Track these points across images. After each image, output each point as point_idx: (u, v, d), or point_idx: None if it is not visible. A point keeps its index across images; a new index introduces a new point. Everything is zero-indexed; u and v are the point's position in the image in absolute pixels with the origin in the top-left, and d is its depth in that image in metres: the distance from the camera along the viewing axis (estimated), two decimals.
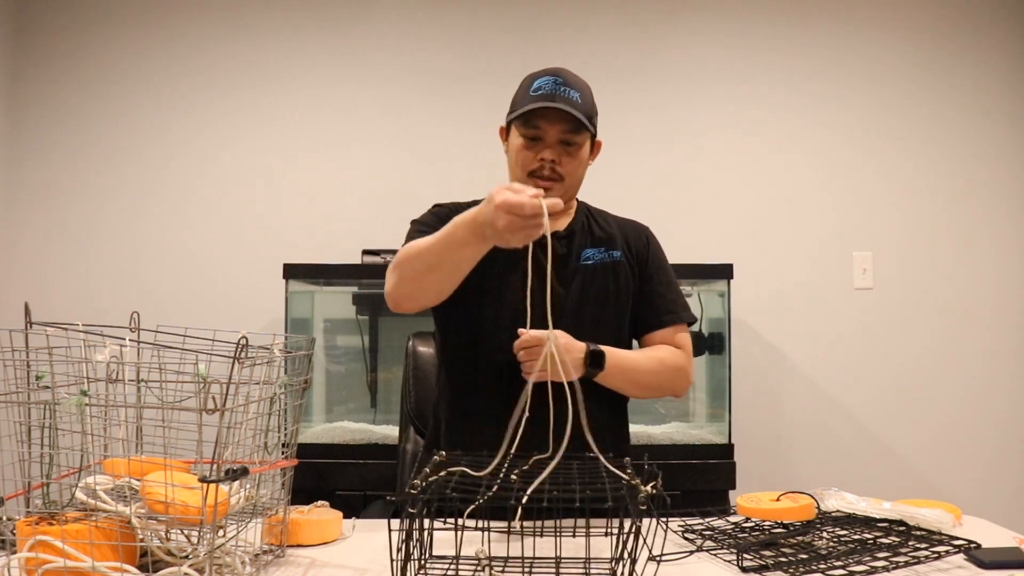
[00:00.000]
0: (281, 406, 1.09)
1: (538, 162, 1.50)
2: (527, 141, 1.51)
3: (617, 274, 1.58)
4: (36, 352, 0.99)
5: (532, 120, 1.48)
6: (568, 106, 1.46)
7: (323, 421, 2.73)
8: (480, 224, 1.19)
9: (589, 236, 1.60)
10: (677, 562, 1.09)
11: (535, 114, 1.47)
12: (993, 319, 2.99)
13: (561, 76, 1.50)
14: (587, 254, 1.57)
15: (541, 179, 1.51)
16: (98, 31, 3.00)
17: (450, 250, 1.29)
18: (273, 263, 2.77)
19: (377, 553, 1.14)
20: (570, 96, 1.48)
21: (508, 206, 1.11)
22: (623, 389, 1.51)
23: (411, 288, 1.39)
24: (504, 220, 1.12)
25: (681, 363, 1.56)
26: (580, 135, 1.50)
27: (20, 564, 0.90)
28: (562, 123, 1.47)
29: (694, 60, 3.03)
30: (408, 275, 1.37)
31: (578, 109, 1.47)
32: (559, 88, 1.48)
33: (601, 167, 1.53)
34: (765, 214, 3.00)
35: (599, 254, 1.58)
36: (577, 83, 1.51)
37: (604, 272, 1.57)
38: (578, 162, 1.53)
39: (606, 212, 1.68)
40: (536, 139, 1.50)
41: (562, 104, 1.46)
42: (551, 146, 1.49)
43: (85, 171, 2.97)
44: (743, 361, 2.89)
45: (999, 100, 3.04)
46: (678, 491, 2.29)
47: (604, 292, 1.56)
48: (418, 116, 2.99)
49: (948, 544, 1.11)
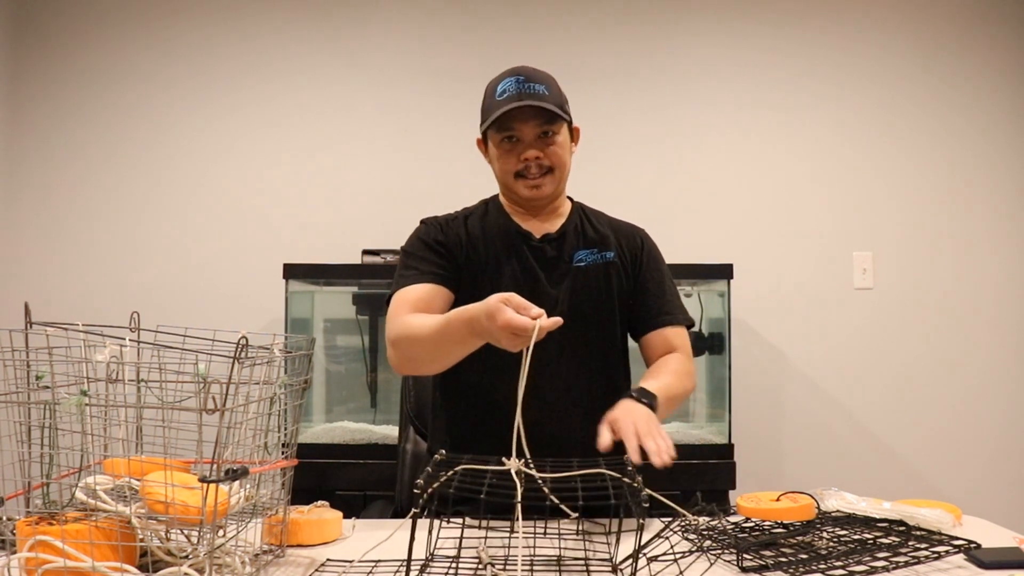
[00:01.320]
0: (281, 406, 1.09)
1: (522, 163, 1.51)
2: (506, 144, 1.51)
3: (609, 275, 1.57)
4: (36, 352, 0.99)
5: (506, 123, 1.48)
6: (536, 101, 1.46)
7: (323, 421, 2.73)
8: (477, 330, 1.21)
9: (582, 237, 1.59)
10: (677, 562, 1.09)
11: (507, 117, 1.47)
12: (993, 319, 2.99)
13: (523, 74, 1.50)
14: (579, 256, 1.57)
15: (530, 178, 1.51)
16: (98, 31, 2.99)
17: (446, 344, 1.31)
18: (273, 263, 2.77)
19: (378, 552, 1.14)
20: (536, 91, 1.48)
21: (511, 328, 1.11)
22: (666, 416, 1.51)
23: (412, 367, 1.48)
24: (507, 340, 1.13)
25: (688, 368, 1.56)
26: (555, 125, 1.50)
27: (20, 564, 0.90)
28: (535, 119, 1.48)
29: (694, 60, 3.03)
30: (407, 356, 1.42)
31: (547, 101, 1.47)
32: (523, 86, 1.48)
33: (601, 167, 1.53)
34: (765, 214, 3.00)
35: (591, 255, 1.58)
36: (540, 77, 1.51)
37: (597, 273, 1.56)
38: (562, 150, 1.53)
39: (601, 213, 1.68)
40: (514, 140, 1.50)
41: (530, 100, 1.45)
42: (530, 144, 1.50)
43: (85, 171, 2.97)
44: (743, 361, 2.89)
45: (999, 100, 3.04)
46: (678, 491, 2.29)
47: (596, 293, 1.55)
48: (418, 116, 2.99)
49: (948, 544, 1.11)
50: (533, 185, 1.52)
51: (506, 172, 1.53)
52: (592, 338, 1.54)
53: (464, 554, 1.06)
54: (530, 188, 1.53)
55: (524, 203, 1.57)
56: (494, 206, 1.62)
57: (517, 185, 1.53)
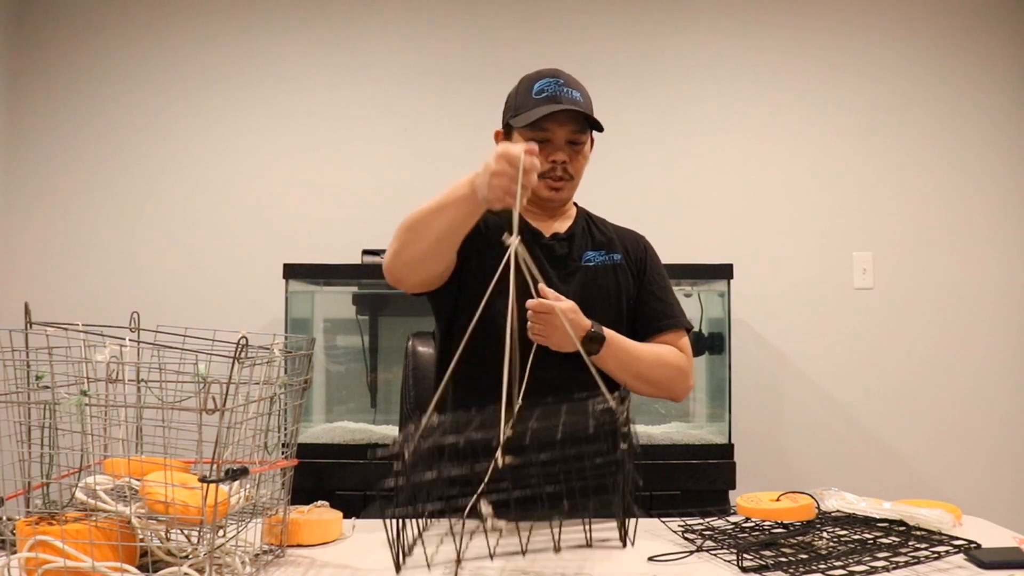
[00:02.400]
0: (281, 406, 1.09)
1: (549, 164, 1.52)
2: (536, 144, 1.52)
3: (618, 276, 1.60)
4: (36, 352, 0.99)
5: (541, 123, 1.49)
6: (575, 106, 1.48)
7: (323, 421, 2.73)
8: (474, 180, 1.28)
9: (590, 239, 1.63)
10: (677, 562, 1.09)
11: (545, 117, 1.48)
12: (993, 319, 2.98)
13: (561, 77, 1.53)
14: (588, 256, 1.60)
15: (552, 180, 1.54)
16: (98, 32, 2.99)
17: (446, 207, 1.34)
18: (273, 263, 2.77)
19: (378, 553, 1.14)
20: (573, 96, 1.51)
21: (507, 156, 1.20)
22: (619, 376, 1.50)
23: (410, 254, 1.41)
24: (497, 164, 1.21)
25: (682, 365, 1.57)
26: (584, 134, 1.54)
27: (20, 564, 0.90)
28: (571, 124, 1.51)
29: (694, 60, 3.03)
30: (408, 239, 1.39)
31: (581, 107, 1.50)
32: (562, 89, 1.51)
33: (601, 167, 1.54)
34: (765, 214, 3.00)
35: (600, 256, 1.61)
36: (576, 83, 1.55)
37: (606, 273, 1.59)
38: (584, 159, 1.58)
39: (604, 219, 1.71)
40: (544, 141, 1.51)
41: (569, 105, 1.48)
42: (560, 147, 1.52)
43: (85, 171, 2.97)
44: (743, 361, 2.89)
45: (999, 100, 3.04)
46: (678, 491, 2.29)
47: (606, 292, 1.58)
48: (418, 116, 2.99)
49: (948, 544, 1.11)
50: (555, 187, 1.55)
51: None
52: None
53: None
54: (550, 189, 1.55)
55: (540, 203, 1.59)
56: None
57: (539, 184, 1.54)
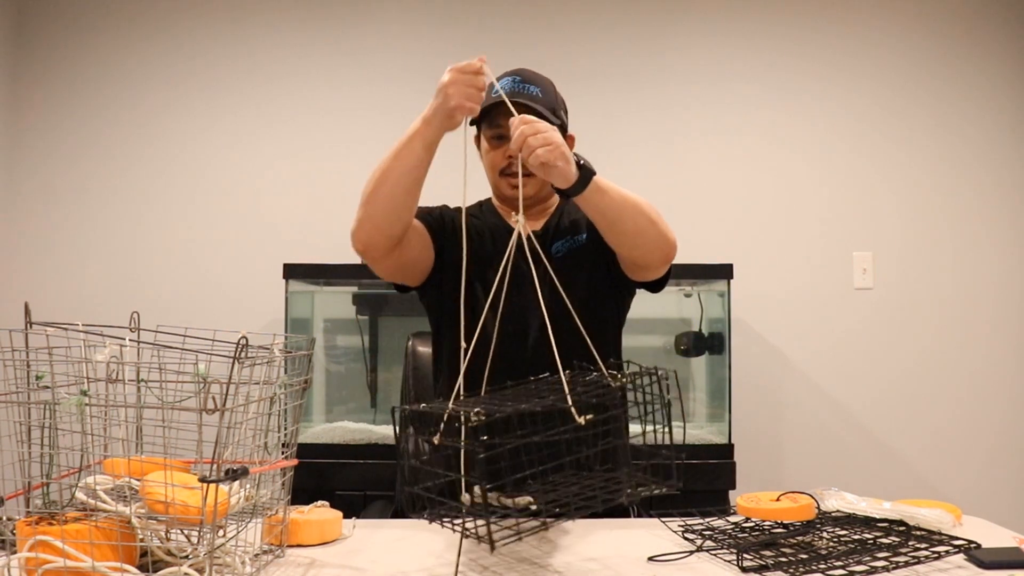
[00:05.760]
0: (281, 406, 1.09)
1: (506, 160, 1.53)
2: (494, 141, 1.55)
3: (583, 259, 1.57)
4: (36, 352, 0.99)
5: (495, 119, 1.51)
6: (527, 100, 1.47)
7: (323, 421, 2.73)
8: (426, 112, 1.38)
9: (557, 229, 1.61)
10: (677, 562, 1.09)
11: (497, 113, 1.48)
12: (993, 319, 2.98)
13: (519, 75, 1.53)
14: (556, 247, 1.59)
15: (513, 176, 1.51)
16: (98, 32, 2.99)
17: (401, 149, 1.44)
18: (273, 263, 2.77)
19: (378, 553, 1.14)
20: (529, 91, 1.50)
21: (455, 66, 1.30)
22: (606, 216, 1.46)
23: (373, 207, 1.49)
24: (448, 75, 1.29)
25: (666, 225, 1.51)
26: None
27: (20, 564, 0.90)
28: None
29: (694, 60, 3.03)
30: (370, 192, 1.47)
31: (538, 103, 1.48)
32: (517, 85, 1.51)
33: (601, 167, 1.53)
34: (765, 214, 3.00)
35: (564, 244, 1.59)
36: (537, 79, 1.54)
37: (573, 258, 1.57)
38: None
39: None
40: (502, 137, 1.52)
41: (520, 99, 1.47)
42: None
43: (85, 171, 2.97)
44: (743, 361, 2.89)
45: (999, 100, 3.04)
46: (678, 491, 2.29)
47: (574, 279, 1.53)
48: (418, 116, 2.98)
49: (948, 544, 1.11)
50: (514, 184, 1.53)
51: (490, 168, 1.58)
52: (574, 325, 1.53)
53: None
54: (512, 187, 1.54)
55: (511, 202, 1.59)
56: (488, 206, 1.67)
57: (501, 182, 1.58)
